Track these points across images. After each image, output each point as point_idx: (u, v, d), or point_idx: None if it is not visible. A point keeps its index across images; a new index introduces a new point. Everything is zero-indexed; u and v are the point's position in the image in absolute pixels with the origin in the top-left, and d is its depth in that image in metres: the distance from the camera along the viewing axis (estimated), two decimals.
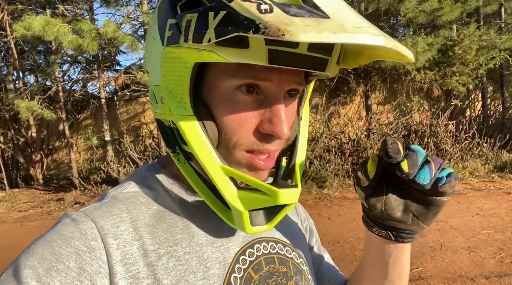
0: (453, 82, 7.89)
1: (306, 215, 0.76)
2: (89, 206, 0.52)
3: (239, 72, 0.46)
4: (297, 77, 0.49)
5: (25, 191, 9.08)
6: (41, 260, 0.42)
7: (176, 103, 0.49)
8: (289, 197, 0.48)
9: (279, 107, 0.47)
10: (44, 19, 7.01)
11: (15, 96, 8.54)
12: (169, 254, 0.50)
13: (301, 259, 0.62)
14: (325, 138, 7.01)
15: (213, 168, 0.48)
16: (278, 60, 0.43)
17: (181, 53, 0.46)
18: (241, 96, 0.47)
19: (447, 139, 7.27)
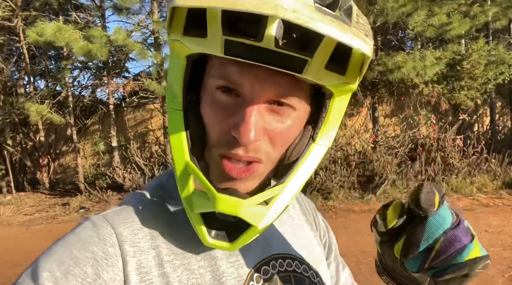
0: (461, 96, 7.85)
1: (327, 228, 0.71)
2: (110, 211, 0.52)
3: (217, 72, 0.45)
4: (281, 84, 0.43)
5: (31, 195, 9.13)
6: (59, 263, 0.43)
7: (171, 97, 0.48)
8: (227, 206, 0.44)
9: (248, 110, 0.43)
10: (56, 25, 7.14)
11: (26, 100, 8.65)
12: (183, 266, 0.49)
13: (318, 278, 0.60)
14: (331, 149, 6.99)
15: (179, 162, 0.47)
16: (235, 51, 0.40)
17: (172, 45, 0.46)
18: (220, 96, 0.46)
19: (455, 154, 7.20)
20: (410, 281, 0.49)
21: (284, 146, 0.48)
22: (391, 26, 8.62)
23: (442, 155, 7.22)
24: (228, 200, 0.44)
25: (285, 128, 0.47)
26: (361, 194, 6.65)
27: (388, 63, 7.16)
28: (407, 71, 6.99)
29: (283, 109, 0.46)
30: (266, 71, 0.42)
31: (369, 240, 4.55)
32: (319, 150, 0.49)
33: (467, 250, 0.42)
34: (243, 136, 0.42)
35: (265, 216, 0.46)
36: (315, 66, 0.41)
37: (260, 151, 0.46)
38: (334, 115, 0.49)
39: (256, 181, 0.49)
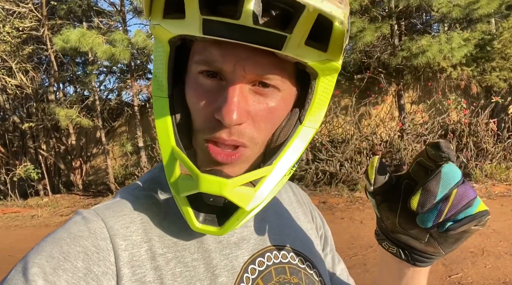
0: (493, 78, 7.45)
1: (323, 221, 0.71)
2: (101, 205, 0.52)
3: (199, 57, 0.45)
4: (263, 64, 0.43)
5: (66, 196, 9.53)
6: (49, 259, 0.42)
7: (156, 85, 0.48)
8: (210, 185, 0.43)
9: (230, 92, 0.43)
10: (80, 31, 7.38)
11: (56, 106, 9.01)
12: (177, 259, 0.48)
13: (315, 270, 0.58)
14: (356, 139, 6.85)
15: (165, 147, 0.47)
16: (213, 31, 0.40)
17: (154, 31, 0.46)
18: (203, 80, 0.45)
19: (488, 138, 6.88)
20: (411, 239, 0.48)
21: (270, 129, 0.47)
22: (414, 9, 8.29)
23: (474, 140, 6.92)
24: (211, 179, 0.43)
25: (269, 110, 0.46)
26: None
27: (412, 48, 6.90)
28: (433, 54, 6.71)
29: (267, 91, 0.45)
30: (247, 51, 0.42)
31: None
32: (307, 132, 0.49)
33: (476, 203, 0.43)
34: (225, 117, 0.42)
35: (253, 198, 0.45)
36: (295, 42, 0.40)
37: (244, 135, 0.45)
38: (321, 96, 0.48)
39: (244, 166, 0.48)
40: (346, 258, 3.55)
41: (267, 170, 0.46)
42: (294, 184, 0.72)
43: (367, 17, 7.32)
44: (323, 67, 0.44)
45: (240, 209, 0.45)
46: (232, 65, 0.43)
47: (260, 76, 0.44)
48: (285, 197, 0.67)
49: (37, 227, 6.77)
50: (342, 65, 3.60)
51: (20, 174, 9.23)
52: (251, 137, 0.46)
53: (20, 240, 5.76)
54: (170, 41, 0.44)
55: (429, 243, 0.47)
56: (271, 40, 0.40)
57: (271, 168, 0.46)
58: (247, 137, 0.46)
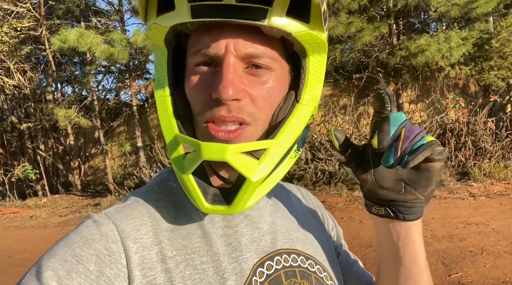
0: (491, 76, 7.47)
1: (334, 223, 0.71)
2: (111, 208, 0.52)
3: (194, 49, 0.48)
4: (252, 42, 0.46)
5: (65, 197, 9.52)
6: (62, 262, 0.43)
7: (158, 86, 0.51)
8: (212, 151, 0.44)
9: (224, 70, 0.46)
10: (78, 31, 7.36)
11: (54, 106, 8.99)
12: (186, 262, 0.49)
13: (325, 273, 0.58)
14: (355, 139, 6.86)
15: (169, 135, 0.48)
16: (201, 14, 0.44)
17: (150, 35, 0.49)
18: (198, 70, 0.49)
19: (487, 137, 6.89)
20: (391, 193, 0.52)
21: (268, 108, 0.49)
22: (412, 8, 8.30)
23: (473, 139, 6.93)
24: (213, 145, 0.44)
25: (266, 89, 0.49)
26: None
27: (411, 47, 6.91)
28: (431, 54, 6.71)
29: (260, 72, 0.48)
30: (236, 33, 0.46)
31: None
32: (305, 109, 0.51)
33: (425, 137, 0.49)
34: (222, 93, 0.44)
35: (257, 168, 0.46)
36: (276, 14, 0.44)
37: (244, 111, 0.47)
38: (313, 75, 0.51)
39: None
40: None
41: (269, 143, 0.48)
42: (304, 189, 0.73)
43: (366, 17, 7.32)
44: (309, 39, 0.47)
45: (246, 181, 0.45)
46: (223, 47, 0.46)
47: (250, 55, 0.47)
48: (294, 200, 0.67)
49: (36, 228, 6.76)
50: (341, 64, 3.61)
51: (18, 174, 9.21)
52: (250, 112, 0.48)
53: (18, 241, 5.75)
54: (166, 40, 0.48)
55: (407, 191, 0.51)
56: (254, 14, 0.44)
57: (274, 141, 0.48)
58: (247, 113, 0.47)
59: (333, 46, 7.89)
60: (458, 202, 5.33)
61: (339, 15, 6.81)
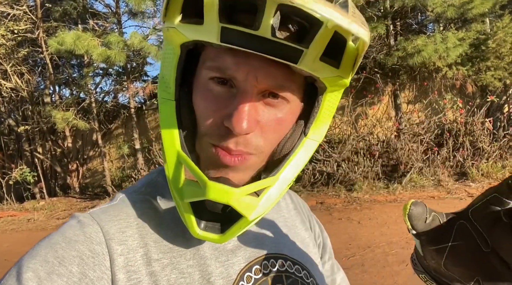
0: (488, 77, 7.49)
1: (321, 229, 0.71)
2: (97, 208, 0.51)
3: (212, 63, 0.45)
4: (275, 75, 0.43)
5: (63, 200, 9.48)
6: (44, 263, 0.42)
7: (163, 87, 0.48)
8: (219, 194, 0.43)
9: (241, 100, 0.43)
10: (75, 33, 7.35)
11: (52, 108, 8.97)
12: (172, 265, 0.48)
13: (312, 279, 0.58)
14: (353, 140, 6.86)
15: (170, 151, 0.47)
16: (231, 39, 0.40)
17: (166, 34, 0.46)
18: (213, 87, 0.46)
19: (484, 138, 6.91)
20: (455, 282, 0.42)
21: (275, 140, 0.48)
22: (409, 9, 8.33)
23: (470, 140, 6.95)
24: (220, 188, 0.44)
25: (278, 121, 0.47)
26: (386, 184, 6.50)
27: (408, 48, 6.92)
28: (428, 54, 6.73)
29: (277, 102, 0.46)
30: (261, 62, 0.42)
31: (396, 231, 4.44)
32: (310, 144, 0.50)
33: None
34: (236, 126, 0.42)
35: (256, 207, 0.45)
36: (311, 57, 0.41)
37: (250, 145, 0.46)
38: (326, 110, 0.49)
39: (247, 173, 0.48)
40: (344, 259, 3.55)
41: (271, 181, 0.47)
42: (293, 192, 0.72)
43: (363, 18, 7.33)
44: (333, 83, 0.45)
45: (243, 218, 0.45)
46: (245, 74, 0.43)
47: (272, 87, 0.44)
48: (283, 205, 0.67)
49: (34, 231, 6.73)
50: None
51: (16, 177, 9.18)
52: (256, 146, 0.46)
53: (16, 244, 5.73)
54: (183, 45, 0.45)
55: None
56: (288, 53, 0.40)
57: (275, 179, 0.47)
58: (253, 147, 0.46)
59: None
60: (456, 202, 5.34)
61: None
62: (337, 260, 0.72)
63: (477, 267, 0.39)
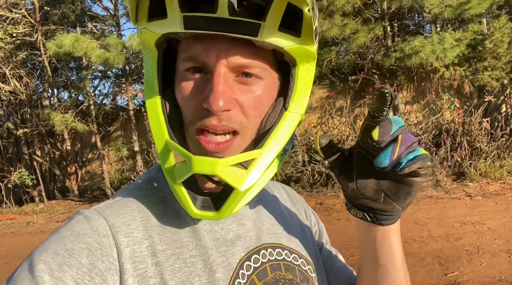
0: (486, 77, 7.53)
1: (317, 218, 0.74)
2: (101, 204, 0.54)
3: (185, 55, 0.48)
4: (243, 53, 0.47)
5: (62, 202, 9.46)
6: (54, 255, 0.44)
7: (148, 88, 0.51)
8: (203, 165, 0.45)
9: (215, 81, 0.46)
10: (74, 36, 7.37)
11: (50, 111, 8.96)
12: (176, 256, 0.50)
13: (309, 266, 0.61)
14: (351, 140, 6.88)
15: (160, 142, 0.49)
16: (194, 25, 0.44)
17: (141, 37, 0.49)
18: (190, 76, 0.49)
19: (482, 137, 6.93)
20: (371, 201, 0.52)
21: (257, 116, 0.50)
22: (406, 10, 8.37)
23: (468, 140, 6.97)
24: (203, 160, 0.46)
25: (255, 98, 0.49)
26: None
27: (405, 49, 6.95)
28: (426, 55, 6.76)
29: (251, 80, 0.49)
30: (228, 44, 0.46)
31: None
32: (292, 117, 0.52)
33: (419, 148, 0.48)
34: (212, 104, 0.45)
35: (246, 179, 0.47)
36: (269, 29, 0.44)
37: (234, 120, 0.48)
38: (302, 83, 0.52)
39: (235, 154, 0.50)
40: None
41: (257, 153, 0.49)
42: (288, 186, 0.76)
43: (360, 19, 7.37)
44: (300, 52, 0.48)
45: (234, 190, 0.47)
46: (215, 57, 0.46)
47: (243, 65, 0.47)
48: (279, 197, 0.69)
49: (33, 234, 6.72)
50: (337, 66, 3.61)
51: (15, 180, 9.17)
52: (240, 122, 0.49)
53: (15, 247, 5.72)
54: (157, 43, 0.48)
55: (386, 202, 0.51)
56: (247, 29, 0.44)
57: (262, 151, 0.49)
58: (237, 122, 0.48)
59: (328, 48, 7.93)
60: (454, 202, 5.35)
61: (334, 17, 6.85)
62: None
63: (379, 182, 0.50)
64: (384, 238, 0.56)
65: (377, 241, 0.56)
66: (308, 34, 0.47)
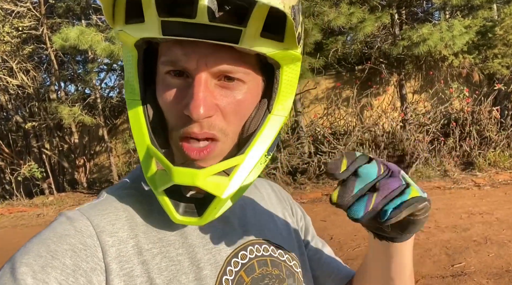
0: (496, 65, 7.38)
1: (303, 213, 0.74)
2: (84, 205, 0.53)
3: (165, 58, 0.47)
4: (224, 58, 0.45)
5: (71, 195, 9.60)
6: (37, 257, 0.43)
7: (129, 89, 0.50)
8: (184, 177, 0.45)
9: (196, 87, 0.45)
10: (79, 29, 7.37)
11: (58, 104, 9.03)
12: (162, 254, 0.50)
13: (294, 262, 0.61)
14: (358, 131, 6.83)
15: (141, 146, 0.48)
16: (172, 31, 0.42)
17: (119, 37, 0.48)
18: (170, 80, 0.48)
19: (491, 126, 6.84)
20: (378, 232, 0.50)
21: (239, 121, 0.49)
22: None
23: (477, 129, 6.88)
24: (183, 171, 0.45)
25: (237, 102, 0.48)
26: None
27: (413, 37, 6.83)
28: (434, 43, 6.64)
29: (232, 84, 0.47)
30: (208, 48, 0.44)
31: None
32: (276, 120, 0.51)
33: (407, 191, 0.44)
34: (193, 112, 0.44)
35: (227, 186, 0.47)
36: (250, 35, 0.43)
37: (215, 127, 0.47)
38: (286, 84, 0.51)
39: (217, 160, 0.49)
40: (349, 249, 3.56)
41: (239, 159, 0.48)
42: (274, 183, 0.76)
43: (367, 7, 7.24)
44: (283, 56, 0.47)
45: (216, 198, 0.47)
46: (195, 63, 0.45)
47: (223, 71, 0.46)
48: (264, 194, 0.69)
49: (43, 226, 6.77)
50: (343, 56, 3.58)
51: (24, 173, 9.30)
52: (221, 128, 0.48)
53: (26, 239, 5.78)
54: (136, 45, 0.47)
55: (393, 231, 0.49)
56: (228, 35, 0.42)
57: (244, 157, 0.48)
58: (218, 129, 0.48)
59: (334, 38, 7.82)
60: (462, 192, 5.31)
61: (340, 6, 6.73)
62: (342, 252, 0.74)
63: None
64: (397, 253, 0.55)
65: (389, 256, 0.56)
66: (291, 38, 0.46)
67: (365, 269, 0.64)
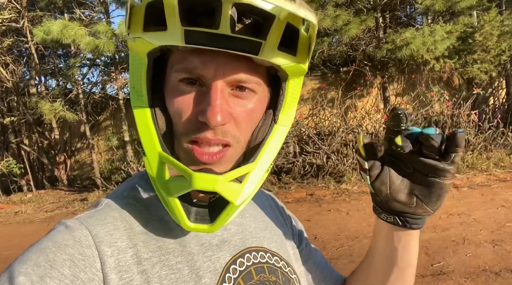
0: (475, 70, 7.62)
1: (296, 220, 0.76)
2: (83, 214, 0.53)
3: (180, 66, 0.48)
4: (240, 68, 0.47)
5: (51, 192, 9.37)
6: (35, 267, 0.43)
7: (135, 96, 0.51)
8: (204, 182, 0.46)
9: (213, 95, 0.46)
10: (62, 22, 7.20)
11: (38, 99, 8.80)
12: (162, 263, 0.50)
13: (290, 268, 0.63)
14: (342, 132, 6.92)
15: (151, 153, 0.49)
16: (195, 40, 0.44)
17: (132, 45, 0.48)
18: (184, 88, 0.48)
19: (470, 130, 7.04)
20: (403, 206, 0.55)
21: (250, 129, 0.51)
22: (398, 1, 8.36)
23: None
24: (204, 177, 0.46)
25: (249, 111, 0.50)
26: None
27: (397, 40, 6.98)
28: (416, 47, 6.81)
29: (245, 94, 0.49)
30: (226, 58, 0.46)
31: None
32: (281, 130, 0.54)
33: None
34: (211, 119, 0.45)
35: (241, 193, 0.48)
36: (269, 48, 0.45)
37: (228, 134, 0.49)
38: (291, 96, 0.53)
39: (227, 165, 0.51)
40: (333, 249, 3.62)
41: (251, 167, 0.50)
42: (268, 192, 0.77)
43: (353, 10, 7.35)
44: (293, 70, 0.49)
45: (230, 204, 0.48)
46: (213, 71, 0.46)
47: (239, 80, 0.48)
48: (259, 203, 0.71)
49: (21, 224, 6.66)
50: (329, 58, 3.66)
51: (2, 169, 9.03)
52: (234, 135, 0.49)
53: (3, 237, 5.67)
54: (150, 53, 0.47)
55: (418, 205, 0.54)
56: (248, 46, 0.44)
57: (254, 165, 0.50)
58: (231, 136, 0.49)
59: (320, 39, 7.91)
60: None
61: (326, 8, 6.81)
62: (326, 251, 0.77)
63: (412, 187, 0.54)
64: (407, 242, 0.59)
65: (400, 245, 0.59)
66: (303, 52, 0.48)
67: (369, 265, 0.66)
